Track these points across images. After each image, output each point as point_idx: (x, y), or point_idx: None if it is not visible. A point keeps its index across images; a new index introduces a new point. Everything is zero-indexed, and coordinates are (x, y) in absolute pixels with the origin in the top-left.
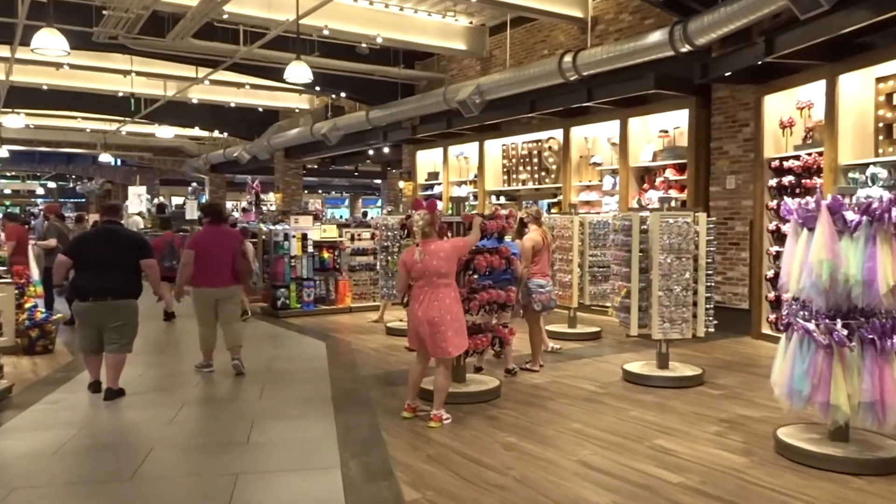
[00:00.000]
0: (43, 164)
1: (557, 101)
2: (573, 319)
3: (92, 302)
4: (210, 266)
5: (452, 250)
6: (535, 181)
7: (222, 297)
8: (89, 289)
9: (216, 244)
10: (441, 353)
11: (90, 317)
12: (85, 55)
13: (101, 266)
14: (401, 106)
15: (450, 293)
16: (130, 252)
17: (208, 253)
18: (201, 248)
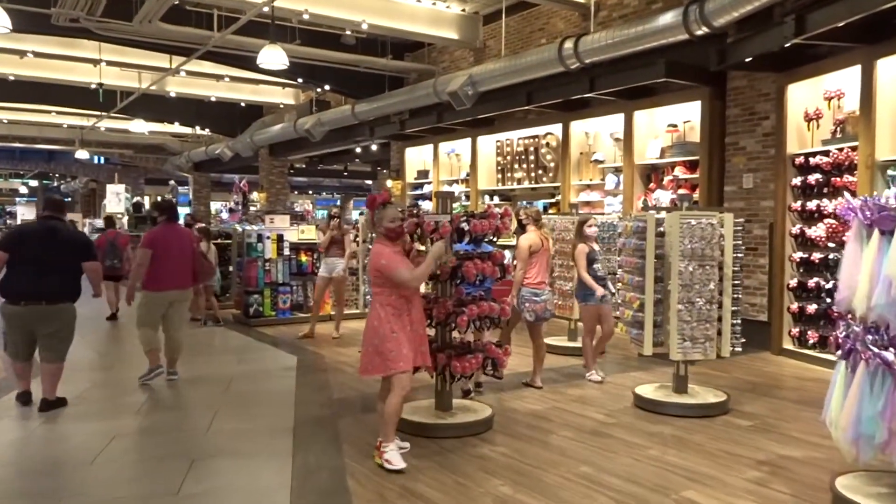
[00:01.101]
0: (24, 161)
1: (556, 93)
2: (573, 332)
3: (24, 306)
4: (169, 266)
5: (379, 264)
6: (532, 180)
7: (178, 299)
8: (23, 291)
9: (174, 243)
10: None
11: (22, 322)
12: (50, 42)
13: (39, 266)
14: (388, 99)
15: (375, 304)
16: (73, 253)
17: (167, 252)
18: (159, 248)
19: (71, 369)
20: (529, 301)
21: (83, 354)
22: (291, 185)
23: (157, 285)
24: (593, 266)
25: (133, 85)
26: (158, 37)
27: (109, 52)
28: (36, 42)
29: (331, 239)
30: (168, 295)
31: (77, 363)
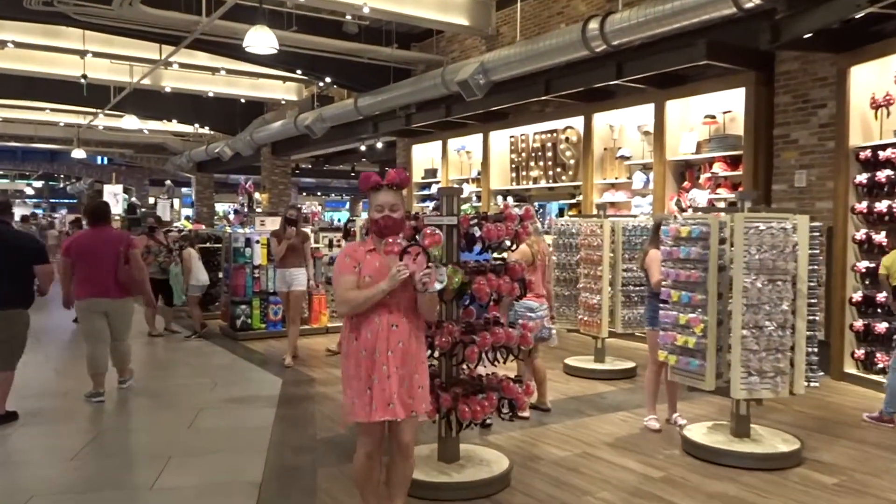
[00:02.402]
0: (26, 162)
1: (578, 81)
2: (601, 352)
3: None
4: (92, 273)
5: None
6: (549, 179)
7: (112, 309)
8: None
9: (97, 248)
10: None
11: None
12: (31, 31)
13: None
14: (393, 91)
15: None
16: (21, 256)
17: (87, 259)
18: (76, 254)
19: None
20: (524, 317)
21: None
22: (299, 187)
23: (81, 293)
24: None
25: (126, 79)
26: (142, 22)
27: (95, 43)
28: (16, 31)
29: (287, 247)
30: (95, 303)
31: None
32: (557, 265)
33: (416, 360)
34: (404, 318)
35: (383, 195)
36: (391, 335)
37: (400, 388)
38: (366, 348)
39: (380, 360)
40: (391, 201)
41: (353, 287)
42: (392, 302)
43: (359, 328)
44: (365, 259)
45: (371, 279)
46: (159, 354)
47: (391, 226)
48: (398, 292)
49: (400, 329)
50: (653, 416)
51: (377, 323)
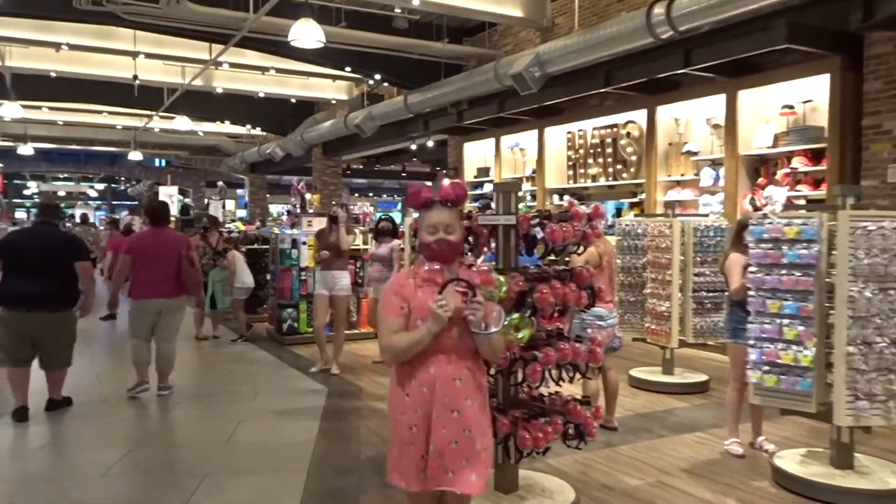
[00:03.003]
0: (88, 164)
1: (641, 71)
2: (669, 363)
3: (23, 313)
4: (152, 273)
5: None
6: (609, 176)
7: (165, 308)
8: (20, 297)
9: (158, 249)
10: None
11: (19, 328)
12: (83, 32)
13: (33, 271)
14: (444, 87)
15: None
16: (64, 256)
17: (148, 259)
18: (138, 254)
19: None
20: (593, 326)
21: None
22: (350, 188)
23: (138, 294)
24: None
25: (178, 81)
26: (190, 20)
27: (146, 44)
28: (69, 33)
29: (330, 245)
30: (151, 304)
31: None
32: (622, 269)
33: (483, 418)
34: (468, 368)
35: (437, 214)
36: (454, 391)
37: (462, 455)
38: (422, 406)
39: (439, 422)
40: (446, 221)
41: (398, 331)
42: (451, 346)
43: (411, 379)
44: (415, 297)
45: (423, 323)
46: (203, 359)
47: (445, 251)
48: (462, 333)
49: (466, 383)
50: (735, 440)
51: (433, 374)
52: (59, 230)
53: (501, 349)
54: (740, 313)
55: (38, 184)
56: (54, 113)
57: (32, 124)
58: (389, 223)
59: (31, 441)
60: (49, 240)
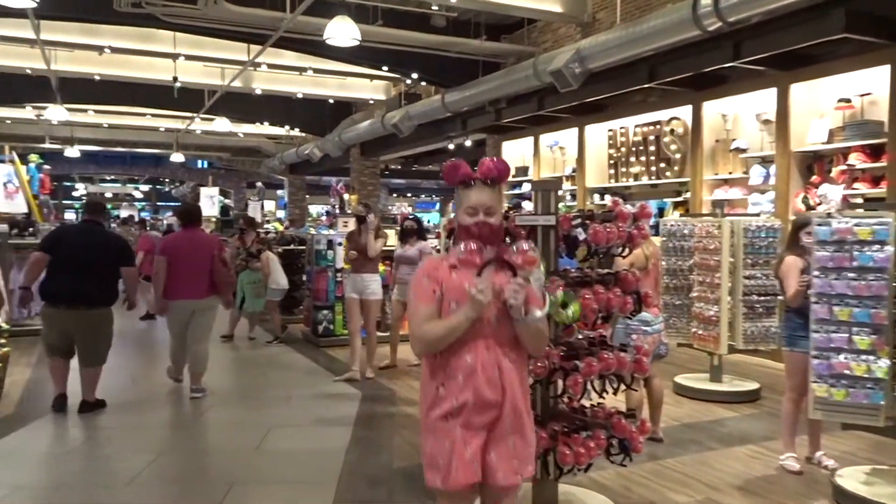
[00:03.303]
0: (134, 166)
1: (687, 65)
2: (717, 370)
3: (63, 310)
4: (185, 274)
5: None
6: (652, 175)
7: (198, 308)
8: (62, 294)
9: (191, 250)
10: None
11: (61, 324)
12: (125, 35)
13: (77, 269)
14: (481, 85)
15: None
16: (110, 257)
17: (181, 260)
18: (172, 255)
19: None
20: (638, 332)
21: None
22: (389, 188)
23: (171, 294)
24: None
25: (218, 83)
26: (227, 21)
27: (186, 46)
28: (111, 36)
29: (353, 247)
30: (184, 304)
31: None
32: (666, 271)
33: (524, 410)
34: (509, 357)
35: (476, 193)
36: (493, 380)
37: (507, 449)
38: (458, 399)
39: (480, 418)
40: (486, 202)
41: (431, 318)
42: (489, 333)
43: (446, 372)
44: (449, 279)
45: (457, 306)
46: (238, 361)
47: (487, 235)
48: (501, 319)
49: (506, 372)
50: (791, 455)
51: (470, 362)
52: (105, 230)
53: (546, 338)
54: (797, 320)
55: (86, 185)
56: (100, 116)
57: (78, 127)
58: (415, 223)
59: (61, 445)
60: (95, 239)
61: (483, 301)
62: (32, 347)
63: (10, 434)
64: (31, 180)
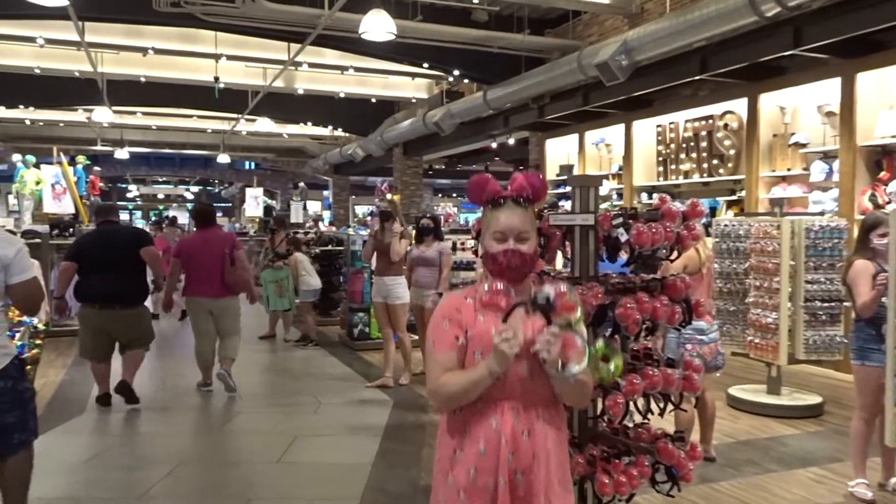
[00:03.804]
0: (184, 168)
1: (742, 55)
2: (776, 382)
3: (100, 310)
4: (201, 273)
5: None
6: (704, 172)
7: (217, 307)
8: (97, 295)
9: (205, 250)
10: None
11: (99, 324)
12: (168, 36)
13: (105, 270)
14: (524, 81)
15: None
16: (131, 248)
17: (196, 260)
18: (185, 255)
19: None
20: (692, 341)
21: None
22: (433, 188)
23: (188, 291)
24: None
25: (261, 83)
26: (266, 19)
27: (228, 46)
28: (154, 37)
29: (378, 250)
30: (202, 301)
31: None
32: (720, 274)
33: (559, 480)
34: (543, 416)
35: (507, 216)
36: (521, 448)
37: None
38: (478, 467)
39: (503, 493)
40: (517, 226)
41: (450, 369)
42: (518, 391)
43: (464, 435)
44: (474, 323)
45: (482, 357)
46: (272, 364)
47: (517, 266)
48: (533, 374)
49: (539, 436)
50: (862, 481)
51: (494, 428)
52: (120, 227)
53: (589, 391)
54: (869, 330)
55: (139, 187)
56: (148, 118)
57: (128, 129)
58: (431, 221)
59: (81, 453)
60: (112, 237)
61: (509, 353)
62: (69, 349)
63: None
64: (79, 181)
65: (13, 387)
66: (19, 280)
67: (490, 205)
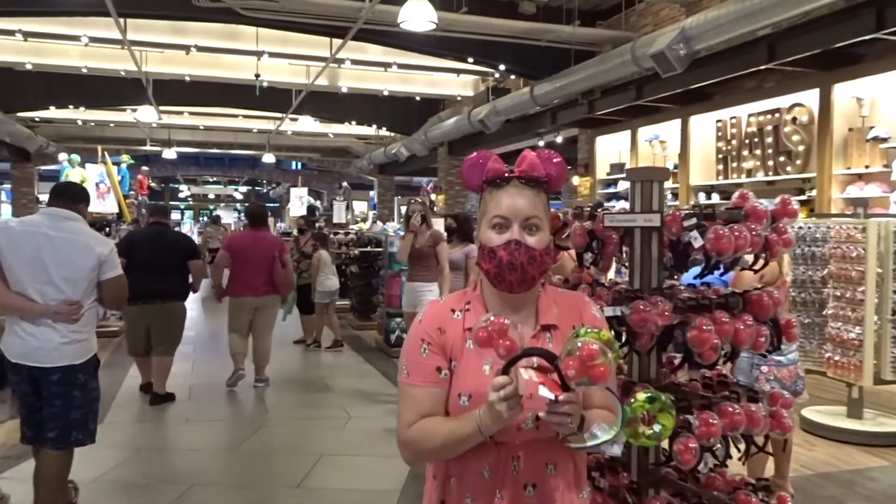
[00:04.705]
0: (232, 168)
1: (815, 40)
2: (858, 404)
3: (140, 305)
4: (246, 271)
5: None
6: (769, 171)
7: (260, 305)
8: (139, 292)
9: (254, 249)
10: None
11: (140, 319)
12: (210, 33)
13: (150, 268)
14: (574, 74)
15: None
16: (178, 254)
17: (243, 257)
18: (235, 252)
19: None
20: (769, 363)
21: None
22: None
23: (234, 291)
24: None
25: (305, 82)
26: (306, 13)
27: (270, 43)
28: (197, 34)
29: (414, 252)
30: (246, 301)
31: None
32: (792, 282)
33: None
34: (552, 461)
35: (509, 196)
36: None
37: None
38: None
39: None
40: (524, 209)
41: (428, 411)
42: (522, 442)
43: (450, 486)
44: (462, 351)
45: (470, 401)
46: (305, 370)
47: (522, 266)
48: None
49: (548, 488)
50: None
51: (488, 483)
52: (170, 230)
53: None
54: None
55: (190, 187)
56: (195, 118)
57: (175, 129)
58: (454, 221)
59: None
60: (162, 240)
61: (506, 416)
62: (103, 349)
63: None
64: (122, 181)
65: (86, 384)
66: (111, 276)
67: (490, 186)
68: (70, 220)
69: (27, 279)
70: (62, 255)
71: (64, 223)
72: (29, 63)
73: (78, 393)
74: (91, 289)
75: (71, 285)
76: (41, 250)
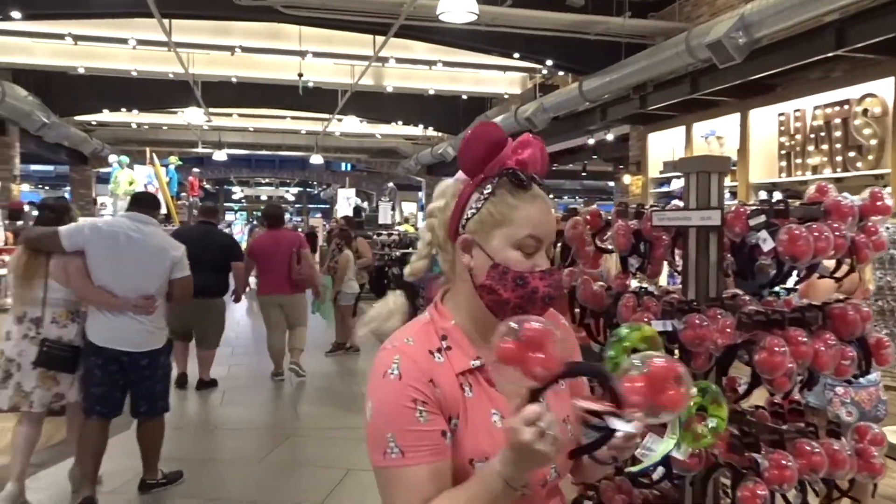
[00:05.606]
0: (283, 169)
1: (889, 24)
2: None
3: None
4: (270, 272)
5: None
6: (837, 167)
7: (286, 303)
8: None
9: (275, 249)
10: None
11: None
12: (253, 33)
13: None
14: (624, 68)
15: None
16: (222, 253)
17: (266, 258)
18: (258, 254)
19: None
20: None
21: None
22: None
23: (262, 290)
24: None
25: (350, 82)
26: (347, 9)
27: (313, 42)
28: (241, 35)
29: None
30: (273, 298)
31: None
32: None
33: None
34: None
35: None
36: None
37: None
38: None
39: None
40: (553, 229)
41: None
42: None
43: None
44: (463, 402)
45: (483, 461)
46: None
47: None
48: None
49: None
50: None
51: None
52: (217, 230)
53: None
54: None
55: (243, 189)
56: (244, 120)
57: (225, 131)
58: None
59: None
60: (208, 238)
61: (550, 456)
62: None
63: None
64: (171, 182)
65: (165, 362)
66: (181, 276)
67: (507, 180)
68: (149, 223)
69: (110, 275)
70: (142, 255)
71: (144, 226)
72: (81, 67)
73: (161, 372)
74: (164, 286)
75: (148, 282)
76: (124, 249)
